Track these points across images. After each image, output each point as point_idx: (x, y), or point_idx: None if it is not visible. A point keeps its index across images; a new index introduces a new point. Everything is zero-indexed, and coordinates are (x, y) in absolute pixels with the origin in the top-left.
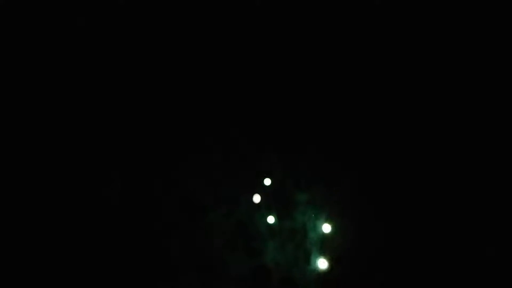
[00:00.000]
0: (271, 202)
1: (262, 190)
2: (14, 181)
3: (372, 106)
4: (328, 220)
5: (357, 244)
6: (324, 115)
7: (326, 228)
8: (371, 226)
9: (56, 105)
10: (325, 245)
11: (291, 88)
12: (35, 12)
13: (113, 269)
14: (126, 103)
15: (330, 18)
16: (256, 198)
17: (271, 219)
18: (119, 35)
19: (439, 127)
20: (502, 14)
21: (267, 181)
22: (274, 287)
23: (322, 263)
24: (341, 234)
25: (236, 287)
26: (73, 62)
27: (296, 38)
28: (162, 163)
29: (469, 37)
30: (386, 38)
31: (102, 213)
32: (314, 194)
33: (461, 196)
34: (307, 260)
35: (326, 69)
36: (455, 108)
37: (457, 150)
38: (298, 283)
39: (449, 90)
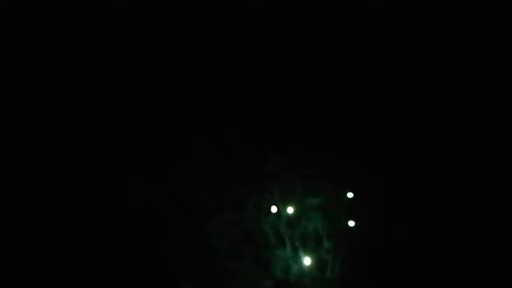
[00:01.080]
0: (280, 207)
1: (269, 194)
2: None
3: (378, 105)
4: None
5: (376, 251)
6: (330, 115)
7: (341, 233)
8: (387, 229)
9: (53, 105)
10: (340, 253)
11: (294, 88)
12: (35, 12)
13: (113, 280)
14: (124, 105)
15: (330, 18)
16: (274, 209)
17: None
18: (119, 36)
19: (448, 125)
20: (502, 14)
21: (274, 209)
22: None
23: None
24: (357, 239)
25: None
26: (73, 62)
27: (297, 38)
28: (162, 166)
29: (470, 37)
30: (386, 38)
31: (102, 218)
32: (326, 198)
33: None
34: (321, 269)
35: (330, 68)
36: (458, 108)
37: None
38: None
39: (450, 90)
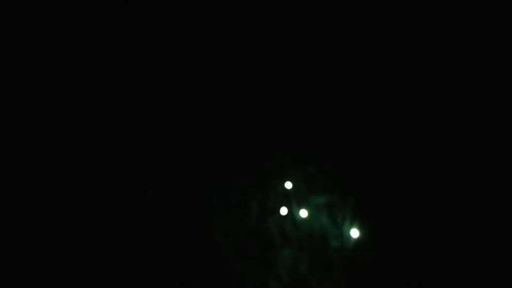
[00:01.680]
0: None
1: (273, 192)
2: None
3: (383, 103)
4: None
5: (386, 253)
6: (334, 112)
7: (353, 233)
8: (398, 232)
9: (51, 105)
10: (348, 253)
11: (296, 86)
12: (35, 12)
13: (117, 280)
14: (126, 106)
15: (332, 17)
16: (283, 211)
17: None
18: (119, 36)
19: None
20: (502, 14)
21: (284, 211)
22: None
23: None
24: (366, 241)
25: None
26: (73, 62)
27: (299, 36)
28: (164, 165)
29: (470, 37)
30: (386, 38)
31: (106, 219)
32: (332, 196)
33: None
34: (327, 269)
35: (333, 66)
36: (459, 108)
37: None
38: None
39: (451, 90)
